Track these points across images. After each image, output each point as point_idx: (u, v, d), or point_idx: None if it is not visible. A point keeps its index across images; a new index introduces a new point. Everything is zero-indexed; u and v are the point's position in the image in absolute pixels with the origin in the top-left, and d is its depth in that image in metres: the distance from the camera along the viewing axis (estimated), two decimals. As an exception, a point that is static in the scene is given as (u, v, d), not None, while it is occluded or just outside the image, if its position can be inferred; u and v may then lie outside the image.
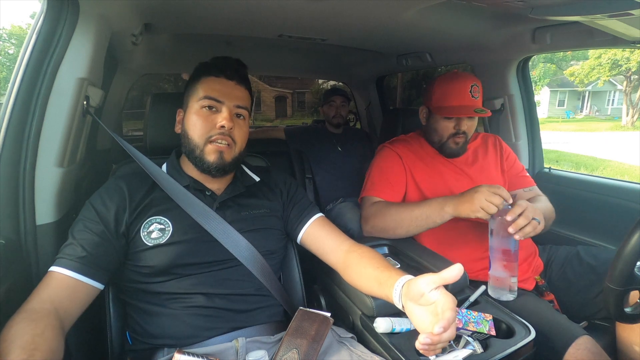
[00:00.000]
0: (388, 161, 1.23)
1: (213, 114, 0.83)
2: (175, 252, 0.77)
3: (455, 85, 1.16)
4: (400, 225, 1.08)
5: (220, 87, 0.84)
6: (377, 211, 1.13)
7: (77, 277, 0.69)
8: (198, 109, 0.83)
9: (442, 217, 1.02)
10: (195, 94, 0.84)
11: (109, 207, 0.77)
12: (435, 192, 1.17)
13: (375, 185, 1.21)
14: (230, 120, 0.81)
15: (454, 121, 1.17)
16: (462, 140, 1.19)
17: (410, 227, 1.08)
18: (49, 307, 0.64)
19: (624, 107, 16.39)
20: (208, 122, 0.82)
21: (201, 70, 0.87)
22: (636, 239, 0.69)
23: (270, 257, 0.88)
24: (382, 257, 0.82)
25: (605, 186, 1.36)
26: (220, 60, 0.87)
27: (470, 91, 1.14)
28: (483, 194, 0.93)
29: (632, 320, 0.77)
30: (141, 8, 1.01)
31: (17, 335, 0.57)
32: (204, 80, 0.85)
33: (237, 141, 0.85)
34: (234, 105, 0.84)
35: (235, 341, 0.76)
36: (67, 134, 0.83)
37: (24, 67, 0.76)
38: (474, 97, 1.15)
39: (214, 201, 0.86)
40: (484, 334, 0.76)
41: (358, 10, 1.09)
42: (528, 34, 1.25)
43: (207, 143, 0.82)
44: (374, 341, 0.80)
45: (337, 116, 2.19)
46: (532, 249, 1.21)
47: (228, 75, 0.85)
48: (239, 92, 0.87)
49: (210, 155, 0.82)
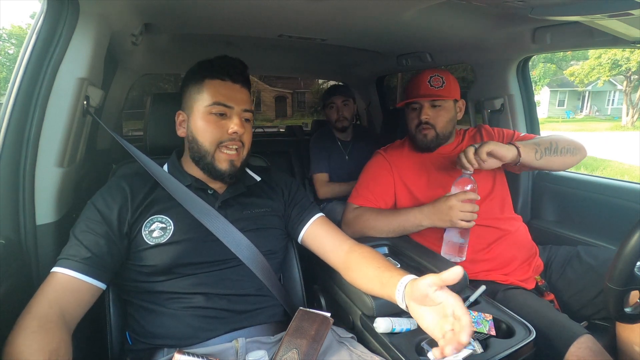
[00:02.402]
0: (375, 168, 1.29)
1: (222, 119, 0.82)
2: (177, 252, 0.77)
3: (415, 79, 1.23)
4: (378, 233, 1.16)
5: (228, 91, 0.83)
6: (356, 217, 1.20)
7: (83, 278, 0.69)
8: (206, 114, 0.82)
9: (419, 230, 1.11)
10: (201, 98, 0.83)
11: (112, 207, 0.77)
12: (430, 195, 1.17)
13: (358, 192, 1.27)
14: (241, 126, 0.82)
15: (417, 112, 1.22)
16: (431, 133, 1.21)
17: (388, 235, 1.15)
18: (58, 312, 0.64)
19: (624, 107, 16.39)
20: (218, 127, 0.82)
21: (204, 71, 0.85)
22: (636, 239, 0.69)
23: (271, 256, 0.88)
24: (382, 257, 0.82)
25: (605, 186, 1.36)
26: (224, 61, 0.85)
27: (428, 81, 1.19)
28: (455, 208, 0.99)
29: (632, 320, 0.76)
30: (141, 8, 1.01)
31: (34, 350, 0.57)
32: (209, 83, 0.83)
33: (245, 144, 0.86)
34: (242, 110, 0.84)
35: (235, 341, 0.76)
36: (67, 134, 0.83)
37: (24, 67, 0.76)
38: (433, 87, 1.19)
39: (215, 200, 0.86)
40: (484, 334, 0.76)
41: (358, 10, 1.09)
42: (528, 34, 1.25)
43: (218, 150, 0.82)
44: (374, 341, 0.80)
45: (341, 119, 1.97)
46: (532, 249, 1.21)
47: (234, 78, 0.84)
48: (244, 95, 0.87)
49: (222, 164, 0.83)
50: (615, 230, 1.24)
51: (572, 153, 1.17)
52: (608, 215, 1.30)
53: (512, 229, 1.19)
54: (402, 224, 1.12)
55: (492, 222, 1.17)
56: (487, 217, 1.15)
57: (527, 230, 1.25)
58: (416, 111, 1.22)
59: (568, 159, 1.16)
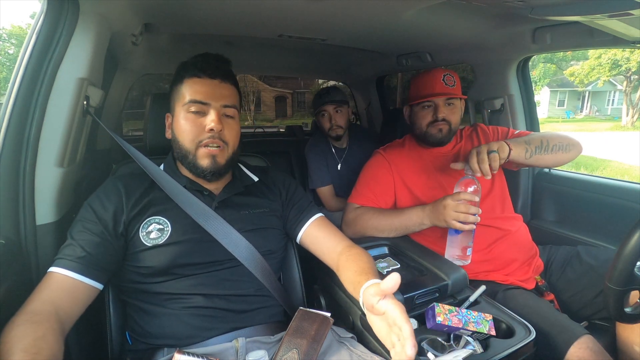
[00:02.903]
0: (374, 168, 1.28)
1: (201, 117, 0.81)
2: (174, 253, 0.77)
3: (427, 76, 1.22)
4: (380, 232, 1.15)
5: (204, 88, 0.81)
6: (357, 217, 1.19)
7: (77, 278, 0.69)
8: (185, 113, 0.81)
9: (421, 229, 1.11)
10: (180, 98, 0.82)
11: (107, 207, 0.77)
12: (430, 195, 1.17)
13: (359, 192, 1.26)
14: (219, 122, 0.79)
15: (432, 110, 1.22)
16: (445, 127, 1.22)
17: (390, 234, 1.15)
18: (50, 308, 0.64)
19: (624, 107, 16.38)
20: (196, 126, 0.80)
21: (182, 71, 0.84)
22: (636, 239, 0.69)
23: (270, 256, 0.88)
24: (368, 260, 0.81)
25: (605, 186, 1.36)
26: (200, 58, 0.83)
27: (442, 79, 1.19)
28: (448, 207, 0.99)
29: (632, 320, 0.76)
30: (141, 8, 1.01)
31: (19, 338, 0.56)
32: (186, 82, 0.82)
33: (228, 142, 0.83)
34: (221, 106, 0.82)
35: (235, 341, 0.76)
36: (67, 134, 0.83)
37: (24, 67, 0.76)
38: (447, 85, 1.19)
39: (212, 201, 0.85)
40: (484, 334, 0.75)
41: (358, 10, 1.09)
42: (528, 34, 1.25)
43: (199, 147, 0.81)
44: (374, 341, 0.80)
45: (334, 128, 1.77)
46: (533, 249, 1.21)
47: (210, 74, 0.82)
48: (225, 90, 0.83)
49: (203, 160, 0.81)
50: (615, 230, 1.24)
51: (564, 150, 1.17)
52: (608, 215, 1.30)
53: (512, 229, 1.19)
54: (405, 223, 1.12)
55: (492, 221, 1.17)
56: (488, 217, 1.15)
57: (528, 230, 1.25)
58: (429, 109, 1.22)
59: (560, 156, 1.16)
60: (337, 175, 1.86)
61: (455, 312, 0.76)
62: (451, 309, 0.76)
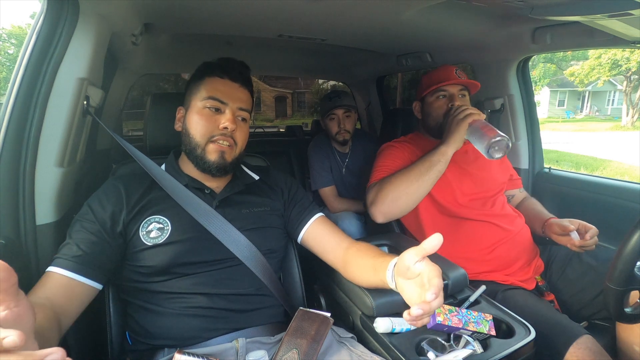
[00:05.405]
0: (387, 151, 1.26)
1: (216, 114, 0.84)
2: (174, 252, 0.77)
3: (440, 70, 1.26)
4: (410, 192, 1.06)
5: (225, 88, 0.85)
6: (380, 190, 1.10)
7: (73, 276, 0.69)
8: (201, 108, 0.84)
9: (447, 160, 1.07)
10: (199, 93, 0.85)
11: (106, 207, 0.77)
12: (438, 190, 1.17)
13: (374, 174, 1.21)
14: (233, 122, 0.82)
15: (447, 100, 1.22)
16: None
17: (419, 189, 1.06)
18: (45, 302, 0.63)
19: (624, 107, 16.38)
20: (211, 122, 0.83)
21: (205, 69, 0.87)
22: (636, 239, 0.69)
23: (270, 256, 0.88)
24: (379, 250, 0.84)
25: (605, 186, 1.36)
26: (225, 61, 0.88)
27: (455, 72, 1.22)
28: (452, 118, 1.10)
29: (632, 320, 0.76)
30: (141, 8, 1.01)
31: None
32: (208, 80, 0.85)
33: (238, 142, 0.86)
34: (237, 108, 0.85)
35: (235, 341, 0.76)
36: (67, 134, 0.83)
37: (24, 67, 0.76)
38: (460, 77, 1.21)
39: (213, 199, 0.86)
40: (484, 334, 0.76)
41: (358, 10, 1.09)
42: (528, 34, 1.25)
43: (209, 143, 0.83)
44: (374, 341, 0.80)
45: (342, 132, 1.77)
46: (534, 250, 1.22)
47: (233, 77, 0.86)
48: (242, 94, 0.88)
49: (212, 155, 0.83)
50: (615, 230, 1.24)
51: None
52: (608, 215, 1.30)
53: (515, 229, 1.18)
54: (431, 166, 1.05)
55: (495, 219, 1.17)
56: (489, 215, 1.15)
57: (529, 230, 1.25)
58: (444, 99, 1.23)
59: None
60: (341, 179, 1.87)
61: (455, 312, 0.76)
62: (451, 309, 0.76)
